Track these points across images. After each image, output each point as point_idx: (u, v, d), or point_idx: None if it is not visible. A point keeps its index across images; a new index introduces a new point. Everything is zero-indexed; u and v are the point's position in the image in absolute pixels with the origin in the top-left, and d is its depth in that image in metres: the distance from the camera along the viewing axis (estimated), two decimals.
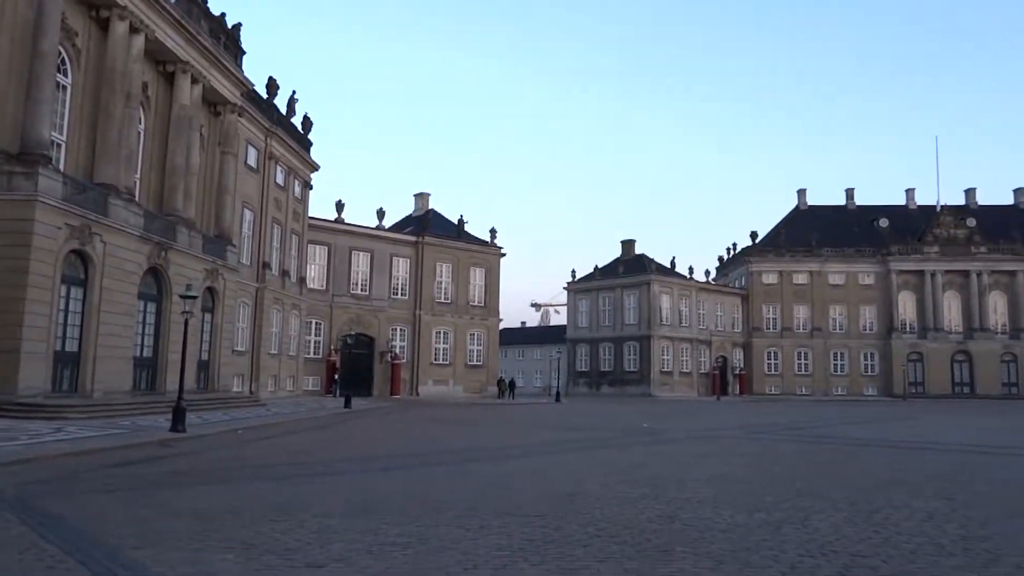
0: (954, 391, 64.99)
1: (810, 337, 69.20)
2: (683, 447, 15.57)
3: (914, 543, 6.04)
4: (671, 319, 64.45)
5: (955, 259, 67.77)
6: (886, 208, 75.84)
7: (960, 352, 66.88)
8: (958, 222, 69.45)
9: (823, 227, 72.20)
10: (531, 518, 7.06)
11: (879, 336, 68.54)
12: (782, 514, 7.32)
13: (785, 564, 5.35)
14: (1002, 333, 67.25)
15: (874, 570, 5.19)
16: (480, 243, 51.94)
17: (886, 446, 15.92)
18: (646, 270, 64.45)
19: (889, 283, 68.62)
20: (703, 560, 5.44)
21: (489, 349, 51.31)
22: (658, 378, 62.61)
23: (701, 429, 21.29)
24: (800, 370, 68.87)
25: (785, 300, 69.82)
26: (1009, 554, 5.66)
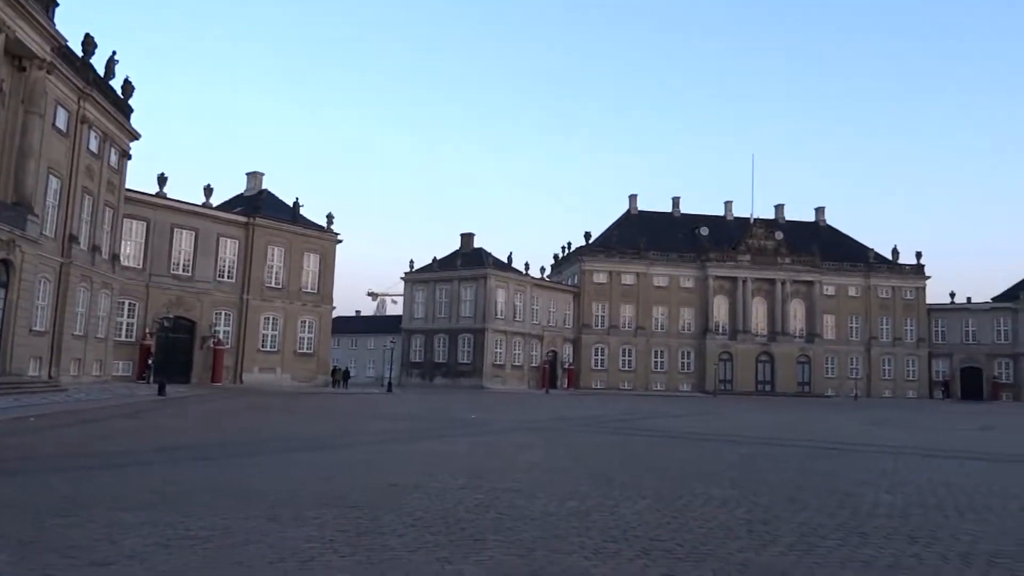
0: (757, 388, 70.88)
1: (634, 335, 72.85)
2: (508, 438, 15.91)
3: (707, 527, 6.49)
4: (506, 313, 65.62)
5: (764, 268, 73.88)
6: (707, 218, 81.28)
7: (764, 353, 73.02)
8: (768, 234, 75.72)
9: (651, 232, 76.26)
10: (348, 509, 6.93)
11: (695, 336, 73.38)
12: (593, 502, 7.65)
13: (590, 549, 5.57)
14: (799, 337, 74.16)
15: (669, 552, 5.53)
16: (316, 228, 50.38)
17: (694, 438, 17.07)
18: (484, 264, 65.20)
19: (706, 287, 73.65)
20: (514, 547, 5.57)
21: (321, 337, 49.92)
22: (491, 370, 63.57)
23: (527, 421, 21.86)
24: (624, 366, 72.38)
25: (613, 299, 73.07)
26: (785, 536, 6.21)
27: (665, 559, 5.32)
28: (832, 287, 76.05)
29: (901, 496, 8.45)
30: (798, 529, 6.49)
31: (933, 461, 12.56)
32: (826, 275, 75.55)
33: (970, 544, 6.05)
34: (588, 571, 4.96)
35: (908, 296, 77.01)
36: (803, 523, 6.77)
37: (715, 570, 5.06)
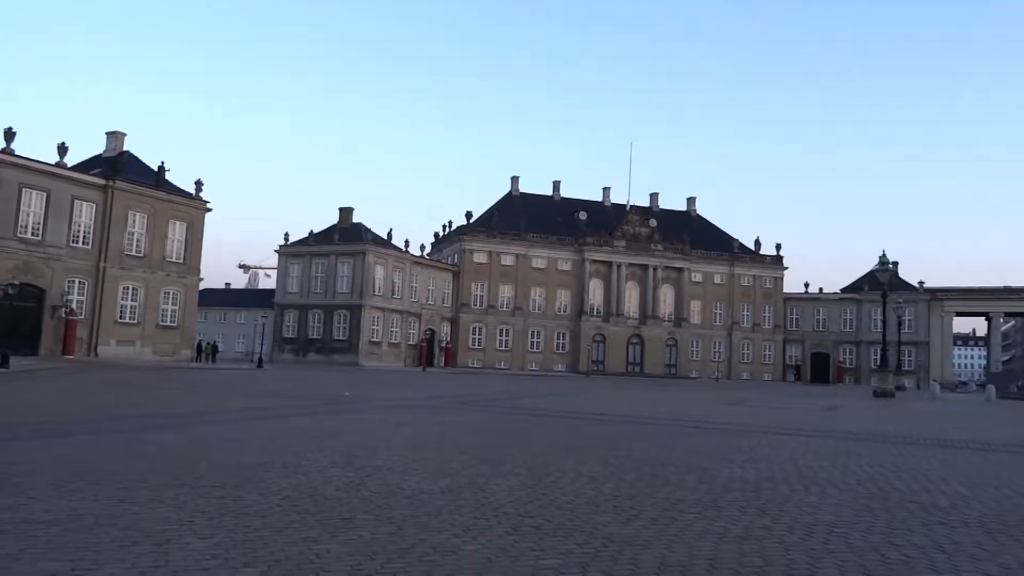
0: (628, 370, 73.55)
1: (512, 315, 73.76)
2: (382, 416, 15.75)
3: (575, 503, 6.66)
4: (384, 290, 64.82)
5: (638, 254, 76.45)
6: (586, 203, 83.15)
7: (635, 336, 75.76)
8: (643, 222, 78.37)
9: (531, 214, 77.21)
10: (209, 489, 6.63)
11: (571, 318, 75.13)
12: (465, 480, 7.68)
13: (461, 526, 5.59)
14: (668, 321, 77.43)
15: (538, 528, 5.62)
16: (183, 195, 47.81)
17: (566, 417, 17.49)
18: (362, 240, 64.06)
19: (583, 271, 75.46)
20: (384, 526, 5.50)
21: (186, 310, 47.59)
22: (367, 348, 62.72)
23: (402, 399, 21.71)
24: (501, 346, 73.20)
25: (493, 279, 73.63)
26: (648, 510, 6.47)
27: (534, 534, 5.42)
28: (699, 274, 79.78)
29: (754, 471, 8.97)
30: (660, 504, 6.77)
31: (783, 439, 13.42)
32: (695, 263, 79.13)
33: (813, 515, 6.50)
34: (458, 548, 4.97)
35: (767, 285, 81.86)
36: (665, 498, 7.07)
37: (581, 544, 5.19)
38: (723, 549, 5.22)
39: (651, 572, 4.60)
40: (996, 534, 6.07)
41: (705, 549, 5.19)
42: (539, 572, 4.50)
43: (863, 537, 5.76)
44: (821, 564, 4.94)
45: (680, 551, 5.11)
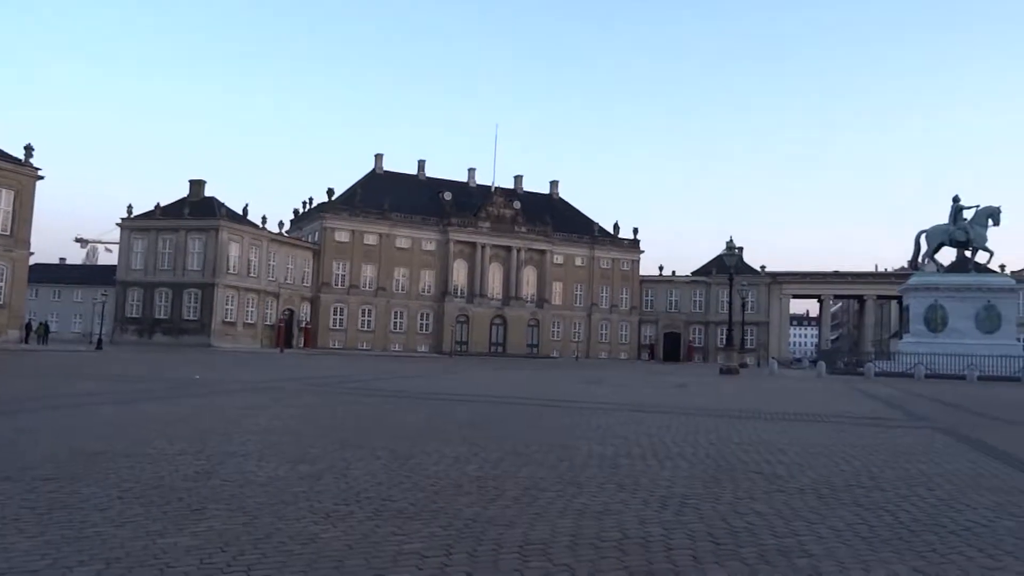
0: (491, 350, 74.41)
1: (375, 295, 72.71)
2: (236, 399, 15.06)
3: (438, 485, 6.61)
4: (239, 268, 62.09)
5: (502, 235, 77.24)
6: (451, 183, 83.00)
7: (498, 316, 76.66)
8: (507, 203, 79.18)
9: (395, 192, 76.24)
10: (39, 482, 6.07)
11: (435, 299, 75.01)
12: (325, 464, 7.46)
13: (320, 513, 5.41)
14: (531, 302, 78.90)
15: (401, 512, 5.53)
16: (10, 160, 43.63)
17: (430, 398, 17.42)
18: (216, 214, 61.00)
19: (447, 251, 75.42)
20: (236, 516, 5.23)
21: (14, 286, 43.63)
22: (220, 328, 59.97)
23: (259, 381, 20.88)
24: (363, 326, 72.08)
25: (355, 258, 72.23)
26: (511, 489, 6.52)
27: (396, 519, 5.32)
28: (561, 256, 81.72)
29: (612, 448, 9.27)
30: (523, 482, 6.85)
31: (638, 415, 13.98)
32: (557, 245, 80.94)
33: (667, 488, 6.79)
34: (317, 535, 4.80)
35: (625, 268, 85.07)
36: (528, 476, 7.16)
37: (445, 526, 5.15)
38: (583, 525, 5.34)
39: (514, 551, 4.63)
40: (827, 498, 6.58)
41: (566, 525, 5.29)
42: (402, 557, 4.42)
43: (712, 507, 6.07)
44: (675, 534, 5.16)
45: (542, 529, 5.18)
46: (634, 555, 4.64)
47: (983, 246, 45.95)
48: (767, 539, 5.14)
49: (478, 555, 4.52)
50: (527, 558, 4.50)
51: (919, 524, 5.73)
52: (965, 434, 12.42)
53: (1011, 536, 5.45)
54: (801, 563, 4.60)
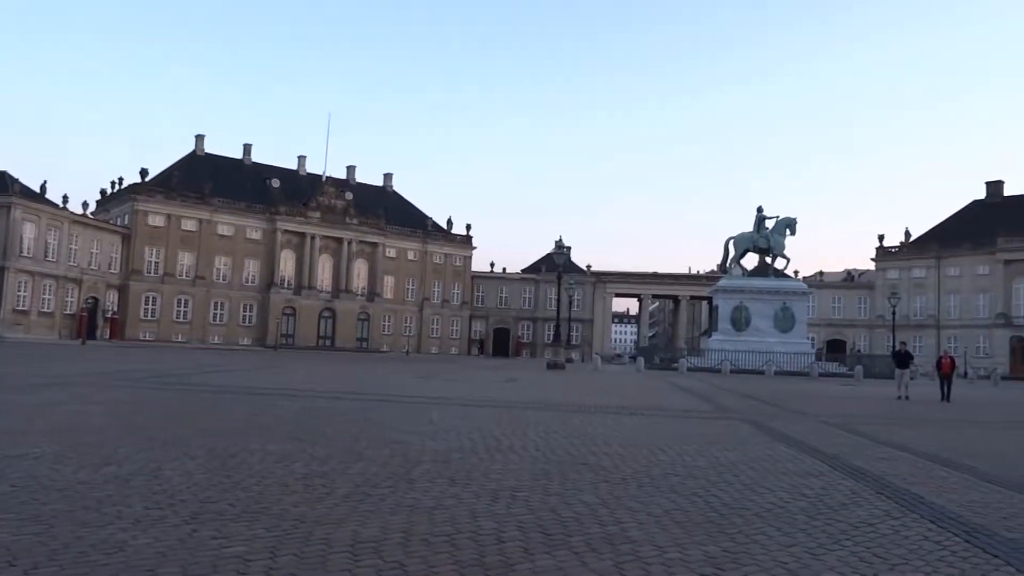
0: (319, 344, 72.31)
1: (193, 285, 68.53)
2: (30, 396, 13.59)
3: (262, 484, 6.30)
4: (35, 251, 56.38)
5: (332, 226, 75.22)
6: (279, 170, 79.74)
7: (327, 309, 74.65)
8: (339, 194, 77.21)
9: (218, 177, 72.16)
10: None
11: (259, 289, 71.80)
12: (134, 466, 6.89)
13: (129, 519, 4.98)
14: (361, 295, 77.48)
15: (221, 514, 5.21)
16: None
17: (253, 393, 16.62)
18: (8, 191, 54.97)
19: (274, 240, 72.41)
20: (29, 526, 4.70)
21: None
22: (11, 317, 54.16)
23: (57, 375, 18.99)
24: (179, 317, 67.72)
25: (171, 245, 67.68)
26: (341, 487, 6.34)
27: (215, 521, 5.00)
28: (394, 250, 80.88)
29: (444, 443, 9.27)
30: (353, 480, 6.68)
31: (469, 410, 14.10)
32: (389, 238, 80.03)
33: (498, 482, 6.87)
34: (126, 543, 4.41)
35: (457, 263, 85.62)
36: (358, 473, 6.99)
37: (269, 527, 4.91)
38: (415, 521, 5.28)
39: (344, 550, 4.49)
40: (647, 487, 6.94)
41: (398, 522, 5.21)
42: (221, 562, 4.15)
43: (541, 499, 6.21)
44: (506, 527, 5.22)
45: (373, 526, 5.07)
46: (466, 549, 4.65)
47: (782, 253, 50.62)
48: (593, 528, 5.33)
49: (306, 556, 4.34)
50: (358, 557, 4.38)
51: (727, 508, 6.18)
52: (764, 424, 13.58)
53: (803, 515, 6.01)
54: (624, 549, 4.80)
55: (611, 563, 4.49)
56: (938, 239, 76.62)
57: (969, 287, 72.65)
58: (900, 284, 74.48)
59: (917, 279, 76.21)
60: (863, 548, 5.06)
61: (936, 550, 5.09)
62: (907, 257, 77.76)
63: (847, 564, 4.67)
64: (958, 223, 77.68)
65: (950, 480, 8.02)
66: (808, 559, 4.75)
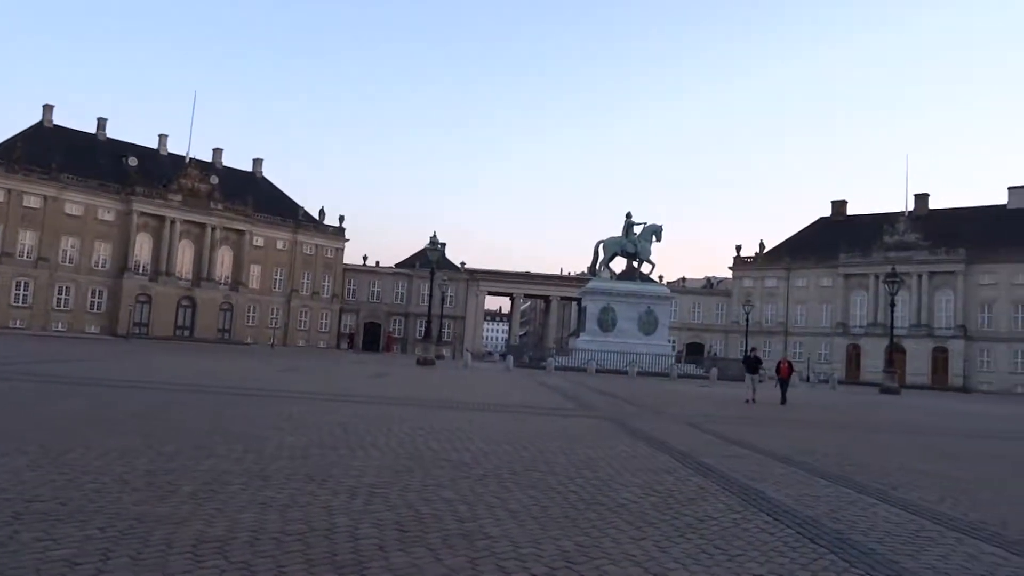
0: (176, 334, 68.58)
1: (35, 267, 63.42)
2: None
3: (100, 482, 5.89)
4: None
5: (195, 211, 71.54)
6: (138, 148, 75.03)
7: (186, 298, 70.93)
8: (203, 177, 73.52)
9: (68, 151, 67.05)
10: None
11: (111, 274, 67.32)
12: None
13: None
14: (225, 284, 74.11)
15: (48, 514, 4.83)
16: None
17: (97, 384, 15.53)
18: None
19: (129, 223, 68.08)
20: None
21: None
22: None
23: None
24: (18, 301, 62.47)
25: (10, 222, 62.32)
26: (188, 485, 6.02)
27: (42, 522, 4.63)
28: (262, 239, 77.95)
29: (304, 438, 9.01)
30: (202, 476, 6.37)
31: (334, 404, 13.78)
32: (257, 226, 77.06)
33: (357, 478, 6.75)
34: None
35: (329, 255, 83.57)
36: (208, 470, 6.67)
37: (103, 527, 4.59)
38: (266, 519, 5.09)
39: (186, 551, 4.26)
40: (507, 483, 7.02)
41: (247, 520, 5.01)
42: (46, 566, 3.84)
43: (400, 496, 6.15)
44: (361, 524, 5.13)
45: (221, 525, 4.85)
46: (318, 547, 4.52)
47: (648, 259, 52.64)
48: (451, 524, 5.32)
49: (142, 558, 4.08)
50: (200, 558, 4.16)
51: (584, 503, 6.34)
52: (625, 422, 14.07)
53: (654, 510, 6.26)
54: (481, 544, 4.83)
55: (466, 559, 4.50)
56: (789, 252, 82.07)
57: (814, 297, 78.28)
58: (754, 292, 79.26)
59: (769, 288, 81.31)
60: (706, 541, 5.32)
61: (771, 541, 5.43)
62: (761, 268, 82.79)
63: (690, 556, 4.89)
64: (806, 238, 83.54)
65: (787, 476, 8.59)
66: (655, 552, 4.95)
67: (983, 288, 68.71)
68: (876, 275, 68.63)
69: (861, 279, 74.43)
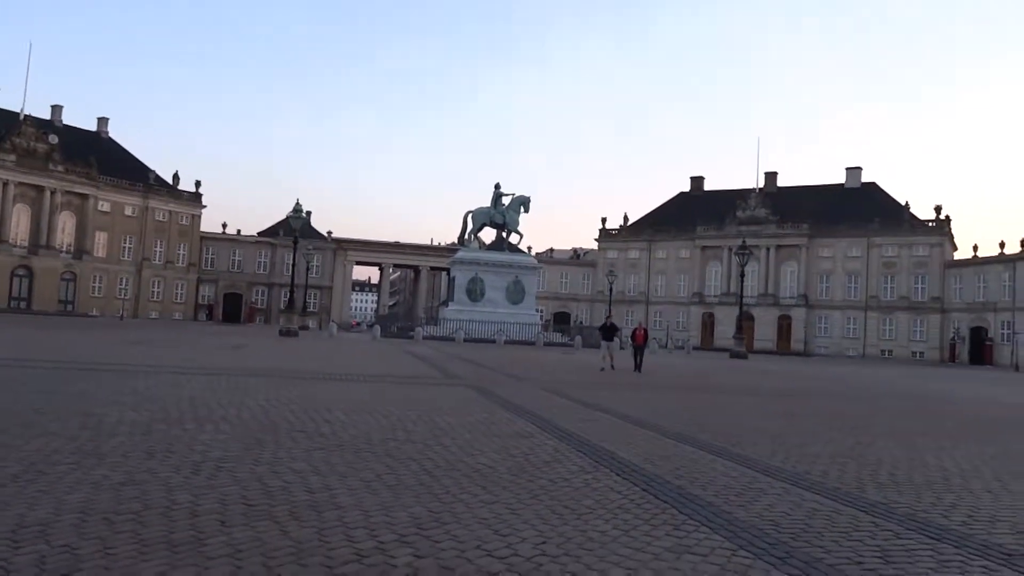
0: (11, 305, 63.21)
1: None
2: None
3: None
4: None
5: (31, 172, 65.81)
6: None
7: (22, 267, 65.40)
8: (40, 135, 67.62)
9: None
10: None
11: None
12: None
13: None
14: (67, 252, 68.75)
15: None
16: None
17: None
18: None
19: None
20: None
21: None
22: None
23: None
24: None
25: None
26: (12, 466, 5.58)
27: None
28: (108, 203, 72.83)
29: (147, 413, 8.53)
30: (29, 457, 5.91)
31: (183, 378, 13.12)
32: (103, 190, 71.88)
33: (203, 453, 6.47)
34: None
35: (184, 222, 79.19)
36: (37, 450, 6.20)
37: None
38: (98, 499, 4.79)
39: (2, 537, 3.93)
40: (363, 453, 6.94)
41: (75, 502, 4.69)
42: None
43: (250, 469, 5.95)
44: (204, 500, 4.92)
45: (45, 507, 4.51)
46: (154, 526, 4.30)
47: (516, 229, 53.25)
48: (301, 496, 5.20)
49: None
50: (18, 544, 3.86)
51: (440, 470, 6.37)
52: (487, 390, 14.24)
53: (509, 474, 6.38)
54: (330, 515, 4.75)
55: (314, 530, 4.41)
56: (651, 224, 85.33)
57: (673, 268, 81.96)
58: (618, 263, 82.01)
59: (632, 259, 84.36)
60: (557, 502, 5.48)
61: (618, 499, 5.67)
62: (625, 239, 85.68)
63: (540, 517, 5.02)
64: (667, 211, 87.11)
65: (637, 437, 8.99)
66: (507, 515, 5.04)
67: (822, 260, 74.29)
68: (729, 248, 72.60)
69: (716, 251, 78.56)
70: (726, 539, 4.71)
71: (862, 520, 5.42)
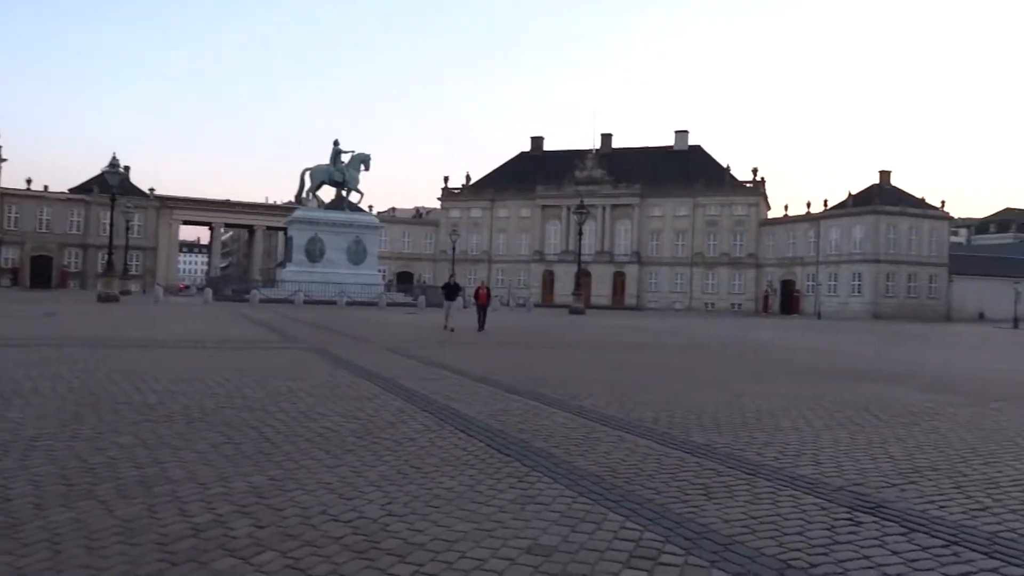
0: None
1: None
2: None
3: None
4: None
5: None
6: None
7: None
8: None
9: None
10: None
11: None
12: None
13: None
14: None
15: None
16: None
17: None
18: None
19: None
20: None
21: None
22: None
23: None
24: None
25: None
26: None
27: None
28: None
29: None
30: None
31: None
32: None
33: (13, 432, 5.92)
34: None
35: None
36: None
37: None
38: None
39: None
40: (196, 423, 6.60)
41: None
42: None
43: (68, 446, 5.51)
44: (15, 483, 4.51)
45: None
46: None
47: (356, 188, 51.94)
48: (128, 472, 4.88)
49: None
50: None
51: (280, 436, 6.19)
52: (329, 352, 13.94)
53: (353, 436, 6.30)
54: (161, 490, 4.49)
55: (143, 507, 4.16)
56: (493, 184, 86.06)
57: (515, 227, 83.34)
58: (461, 222, 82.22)
59: (475, 219, 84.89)
60: (402, 461, 5.48)
61: (464, 456, 5.76)
62: (467, 199, 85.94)
63: (385, 478, 5.01)
64: (508, 171, 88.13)
65: (481, 394, 9.15)
66: (352, 477, 4.99)
67: (653, 219, 78.23)
68: (568, 207, 74.70)
69: (556, 210, 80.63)
70: (567, 487, 4.92)
71: (687, 461, 5.84)
